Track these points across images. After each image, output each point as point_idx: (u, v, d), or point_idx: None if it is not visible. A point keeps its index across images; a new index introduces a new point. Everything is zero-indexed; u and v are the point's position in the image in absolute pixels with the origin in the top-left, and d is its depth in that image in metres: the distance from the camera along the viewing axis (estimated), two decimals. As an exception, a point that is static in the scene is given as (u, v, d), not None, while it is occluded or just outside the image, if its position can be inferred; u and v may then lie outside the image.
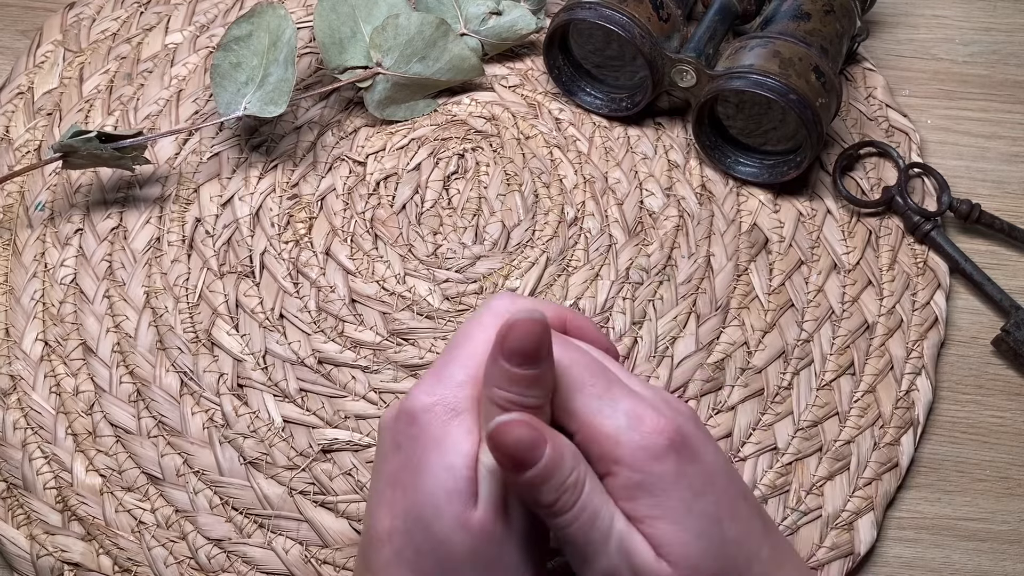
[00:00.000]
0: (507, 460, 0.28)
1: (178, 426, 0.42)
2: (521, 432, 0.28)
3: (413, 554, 0.30)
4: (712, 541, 0.29)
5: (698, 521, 0.29)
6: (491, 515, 0.29)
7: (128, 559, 0.39)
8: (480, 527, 0.29)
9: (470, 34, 0.51)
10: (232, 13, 0.54)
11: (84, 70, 0.51)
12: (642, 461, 0.28)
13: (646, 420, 0.29)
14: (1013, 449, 0.43)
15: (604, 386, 0.30)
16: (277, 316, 0.44)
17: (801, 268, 0.46)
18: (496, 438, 0.28)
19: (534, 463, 0.28)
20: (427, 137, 0.49)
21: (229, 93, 0.46)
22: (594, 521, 0.29)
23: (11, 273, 0.45)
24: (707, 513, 0.29)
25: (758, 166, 0.48)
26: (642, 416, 0.29)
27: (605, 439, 0.29)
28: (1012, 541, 0.41)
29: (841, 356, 0.44)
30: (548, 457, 0.28)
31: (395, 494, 0.30)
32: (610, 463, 0.29)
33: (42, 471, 0.41)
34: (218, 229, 0.46)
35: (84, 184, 0.48)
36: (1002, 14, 0.56)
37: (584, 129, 0.50)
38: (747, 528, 0.30)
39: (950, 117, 0.52)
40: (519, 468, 0.28)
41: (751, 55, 0.45)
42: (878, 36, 0.55)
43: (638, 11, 0.46)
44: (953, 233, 0.48)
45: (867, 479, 0.41)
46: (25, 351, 0.43)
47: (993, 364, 0.45)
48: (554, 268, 0.46)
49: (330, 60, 0.48)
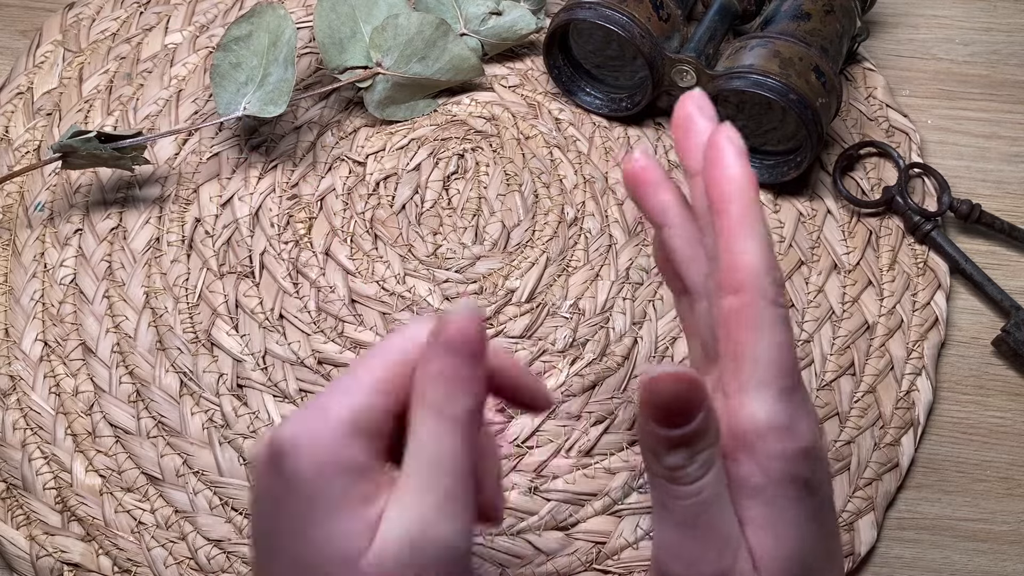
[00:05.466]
0: (658, 412, 0.26)
1: (178, 426, 0.42)
2: (683, 388, 0.25)
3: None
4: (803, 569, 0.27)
5: (799, 546, 0.27)
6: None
7: (128, 560, 0.39)
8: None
9: (470, 34, 0.51)
10: (232, 13, 0.53)
11: (84, 70, 0.51)
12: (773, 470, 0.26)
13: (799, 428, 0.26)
14: (1013, 449, 0.43)
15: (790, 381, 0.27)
16: (277, 316, 0.44)
17: (801, 268, 0.46)
18: (655, 384, 0.25)
19: (687, 421, 0.25)
20: (427, 137, 0.49)
21: (229, 93, 0.46)
22: (706, 510, 0.26)
23: (11, 273, 0.45)
24: (809, 541, 0.27)
25: (758, 166, 0.48)
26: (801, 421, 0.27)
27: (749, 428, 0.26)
28: (1012, 541, 0.41)
29: (841, 356, 0.44)
30: (698, 421, 0.25)
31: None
32: (737, 450, 0.26)
33: (42, 471, 0.41)
34: (218, 229, 0.46)
35: (84, 184, 0.48)
36: (1002, 14, 0.56)
37: (584, 129, 0.50)
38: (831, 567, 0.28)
39: (950, 117, 0.52)
40: (668, 423, 0.26)
41: (751, 55, 0.45)
42: (878, 36, 0.55)
43: (638, 11, 0.46)
44: (953, 233, 0.48)
45: (867, 479, 0.41)
46: (25, 351, 0.43)
47: (993, 364, 0.45)
48: (554, 268, 0.46)
49: (330, 60, 0.48)
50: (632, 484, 0.41)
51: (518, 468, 0.41)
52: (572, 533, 0.40)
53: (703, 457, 0.26)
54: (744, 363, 0.27)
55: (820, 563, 0.28)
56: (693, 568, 0.26)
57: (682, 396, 0.25)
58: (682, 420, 0.25)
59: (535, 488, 0.41)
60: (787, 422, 0.26)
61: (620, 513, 0.40)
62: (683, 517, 0.26)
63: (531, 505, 0.40)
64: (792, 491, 0.26)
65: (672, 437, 0.26)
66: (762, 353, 0.26)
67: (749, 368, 0.27)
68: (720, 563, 0.26)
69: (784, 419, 0.26)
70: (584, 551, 0.39)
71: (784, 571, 0.26)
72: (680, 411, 0.25)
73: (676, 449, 0.26)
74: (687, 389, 0.25)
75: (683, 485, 0.26)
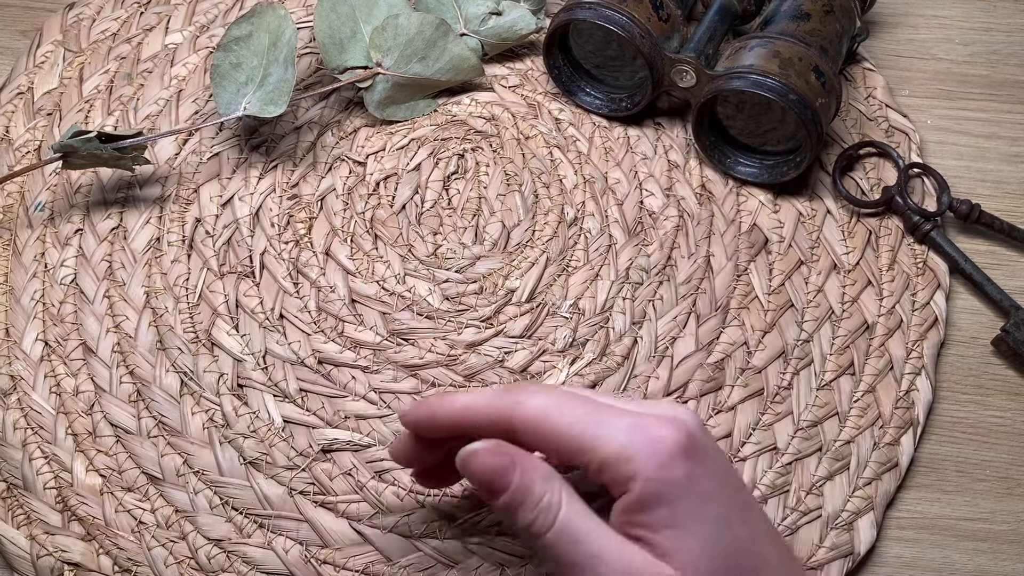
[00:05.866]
0: (478, 487, 0.29)
1: (178, 426, 0.42)
2: (487, 460, 0.29)
3: None
4: (723, 545, 0.29)
5: (710, 525, 0.28)
6: None
7: (128, 559, 0.39)
8: None
9: (470, 34, 0.51)
10: (232, 13, 0.54)
11: (84, 70, 0.51)
12: (653, 470, 0.28)
13: (649, 430, 0.29)
14: (1013, 449, 0.43)
15: (593, 414, 0.29)
16: (277, 316, 0.44)
17: (801, 268, 0.46)
18: (465, 467, 0.30)
19: (504, 489, 0.29)
20: (427, 137, 0.49)
21: (229, 93, 0.46)
22: (577, 542, 0.28)
23: (11, 273, 0.45)
24: (718, 516, 0.29)
25: (758, 166, 0.48)
26: (646, 427, 0.29)
27: (613, 461, 0.29)
28: (1012, 541, 0.41)
29: (841, 356, 0.44)
30: (517, 482, 0.29)
31: None
32: (624, 482, 0.29)
33: (42, 471, 0.41)
34: (218, 229, 0.46)
35: (84, 184, 0.48)
36: (1002, 14, 0.56)
37: (584, 129, 0.50)
38: (756, 531, 0.30)
39: (950, 117, 0.52)
40: (491, 494, 0.29)
41: (751, 55, 0.45)
42: (878, 36, 0.55)
43: (638, 11, 0.46)
44: (953, 233, 0.48)
45: (867, 479, 0.41)
46: (25, 351, 0.43)
47: (993, 364, 0.45)
48: (554, 268, 0.46)
49: (330, 60, 0.49)
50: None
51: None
52: (572, 533, 0.40)
53: (543, 505, 0.29)
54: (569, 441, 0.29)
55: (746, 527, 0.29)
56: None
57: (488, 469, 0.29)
58: (500, 486, 0.29)
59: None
60: (627, 431, 0.29)
61: (620, 513, 0.40)
62: (563, 556, 0.29)
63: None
64: (678, 472, 0.28)
65: (503, 505, 0.29)
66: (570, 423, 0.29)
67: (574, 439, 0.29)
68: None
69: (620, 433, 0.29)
70: (584, 551, 0.39)
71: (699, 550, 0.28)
72: (494, 481, 0.29)
73: (515, 509, 0.29)
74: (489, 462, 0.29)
75: (543, 535, 0.29)
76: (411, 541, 0.40)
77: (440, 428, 0.32)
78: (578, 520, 0.29)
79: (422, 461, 0.35)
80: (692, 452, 0.29)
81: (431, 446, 0.34)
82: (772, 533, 0.31)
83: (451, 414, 0.31)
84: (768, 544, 0.30)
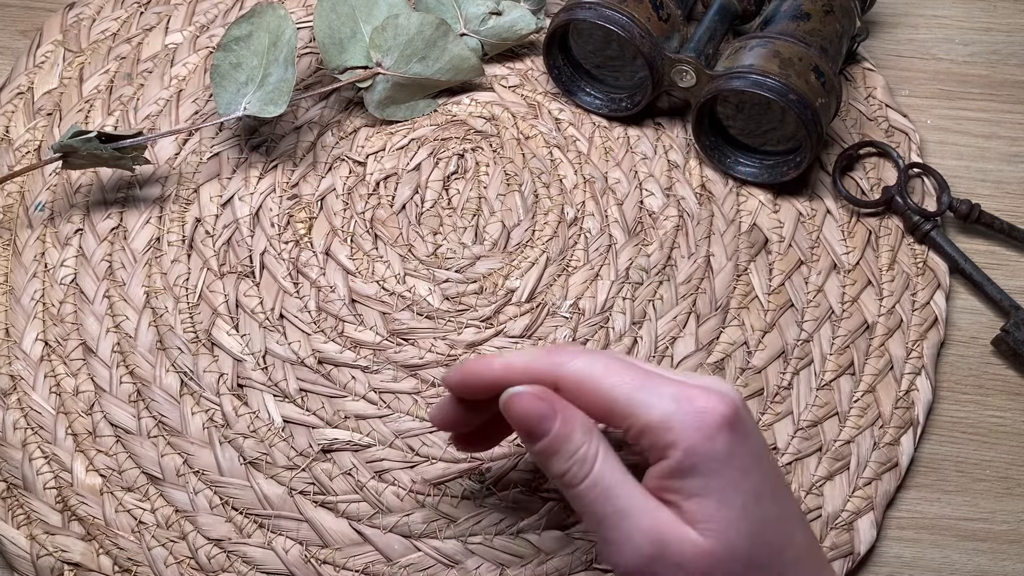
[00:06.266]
0: (518, 430, 0.30)
1: (178, 426, 0.42)
2: (530, 405, 0.30)
3: None
4: (752, 520, 0.29)
5: (742, 499, 0.29)
6: None
7: (128, 559, 0.39)
8: None
9: (470, 34, 0.51)
10: (232, 13, 0.54)
11: (84, 70, 0.51)
12: (696, 441, 0.28)
13: (697, 400, 0.29)
14: (1013, 449, 0.43)
15: (638, 379, 0.30)
16: (277, 316, 0.44)
17: (801, 268, 0.46)
18: (507, 409, 0.30)
19: (543, 435, 0.30)
20: (427, 137, 0.49)
21: (229, 93, 0.46)
22: (608, 497, 0.29)
23: (11, 273, 0.45)
24: (751, 491, 0.29)
25: (758, 166, 0.48)
26: (692, 397, 0.29)
27: (655, 427, 0.29)
28: (1012, 541, 0.41)
29: (841, 356, 0.44)
30: (556, 430, 0.29)
31: None
32: (663, 449, 0.29)
33: (42, 471, 0.41)
34: (218, 229, 0.46)
35: (84, 184, 0.48)
36: (1002, 14, 0.56)
37: (584, 129, 0.50)
38: (785, 511, 0.30)
39: (950, 117, 0.52)
40: (529, 438, 0.30)
41: (751, 55, 0.45)
42: (878, 36, 0.55)
43: (638, 11, 0.46)
44: (953, 233, 0.48)
45: (867, 479, 0.41)
46: (25, 351, 0.43)
47: (993, 364, 0.45)
48: (554, 268, 0.46)
49: (330, 60, 0.49)
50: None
51: (518, 467, 0.41)
52: (571, 533, 0.40)
53: (578, 457, 0.29)
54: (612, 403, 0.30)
55: (776, 505, 0.30)
56: (622, 553, 0.29)
57: (531, 413, 0.30)
58: (540, 432, 0.30)
59: (535, 488, 0.41)
60: (680, 406, 0.29)
61: (620, 513, 0.40)
62: (593, 511, 0.29)
63: (531, 505, 0.40)
64: (720, 445, 0.29)
65: (541, 450, 0.30)
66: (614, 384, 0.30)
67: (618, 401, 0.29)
68: (640, 538, 0.28)
69: (666, 400, 0.29)
70: (583, 551, 0.40)
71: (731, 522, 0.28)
72: (534, 426, 0.30)
73: (553, 455, 0.30)
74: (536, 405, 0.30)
75: (576, 486, 0.30)
76: (411, 541, 0.40)
77: (481, 388, 0.32)
78: (612, 475, 0.29)
79: (461, 424, 0.35)
80: (735, 426, 0.29)
81: (471, 408, 0.34)
82: (800, 515, 0.31)
83: (493, 373, 0.32)
84: (795, 525, 0.30)
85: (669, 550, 0.28)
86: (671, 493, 0.29)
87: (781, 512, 0.30)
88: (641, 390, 0.29)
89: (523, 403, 0.30)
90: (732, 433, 0.29)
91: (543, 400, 0.30)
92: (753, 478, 0.29)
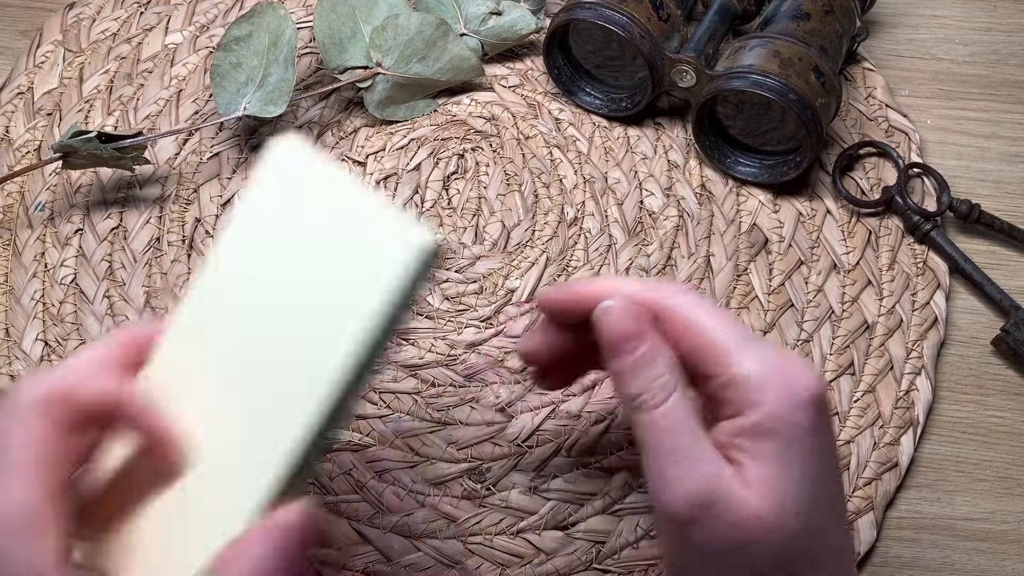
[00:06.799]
0: (606, 343, 0.30)
1: (178, 426, 0.42)
2: (624, 320, 0.30)
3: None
4: (808, 499, 0.29)
5: (806, 476, 0.29)
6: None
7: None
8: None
9: (470, 34, 0.51)
10: (232, 13, 0.54)
11: (84, 70, 0.51)
12: (783, 408, 0.28)
13: (793, 370, 0.29)
14: (1013, 449, 0.43)
15: (740, 331, 0.30)
16: (277, 316, 0.44)
17: (801, 268, 0.46)
18: (600, 320, 0.30)
19: (629, 352, 0.30)
20: (427, 137, 0.49)
21: (229, 93, 0.46)
22: (676, 431, 0.29)
23: (11, 273, 0.45)
24: (815, 471, 0.29)
25: (758, 166, 0.48)
26: (790, 366, 0.29)
27: (746, 381, 0.29)
28: (1012, 541, 0.41)
29: (841, 356, 0.44)
30: (644, 351, 0.30)
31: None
32: (746, 406, 0.29)
33: (42, 471, 0.41)
34: (218, 229, 0.46)
35: (84, 184, 0.48)
36: (1002, 14, 0.56)
37: (584, 129, 0.50)
38: (836, 499, 0.30)
39: (950, 117, 0.52)
40: (615, 353, 0.30)
41: (751, 55, 0.45)
42: (878, 36, 0.55)
43: (638, 11, 0.46)
44: (953, 233, 0.48)
45: (867, 479, 0.41)
46: (25, 351, 0.43)
47: (993, 364, 0.45)
48: (554, 268, 0.46)
49: (330, 60, 0.49)
50: (632, 483, 0.41)
51: (518, 468, 0.41)
52: (572, 533, 0.40)
53: (657, 385, 0.29)
54: (711, 345, 0.30)
55: (829, 488, 0.30)
56: (672, 492, 0.28)
57: (623, 328, 0.30)
58: (626, 349, 0.30)
59: (535, 488, 0.41)
60: (776, 372, 0.29)
61: (620, 513, 0.40)
62: (655, 443, 0.29)
63: (531, 505, 0.40)
64: (804, 420, 0.28)
65: (623, 367, 0.30)
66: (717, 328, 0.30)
67: (717, 344, 0.29)
68: (694, 483, 0.28)
69: (771, 370, 0.29)
70: (584, 551, 0.40)
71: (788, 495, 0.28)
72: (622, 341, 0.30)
73: (633, 375, 0.30)
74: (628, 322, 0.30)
75: (646, 412, 0.29)
76: (411, 541, 0.40)
77: (581, 303, 0.32)
78: (685, 413, 0.29)
79: (547, 352, 0.34)
80: (820, 406, 0.29)
81: (561, 335, 0.34)
82: (844, 509, 0.31)
83: (595, 288, 0.31)
84: (841, 515, 0.31)
85: (719, 504, 0.28)
86: (738, 451, 0.29)
87: (832, 497, 0.30)
88: (742, 343, 0.29)
89: (617, 316, 0.30)
90: (816, 411, 0.29)
91: (637, 320, 0.30)
92: (819, 460, 0.29)
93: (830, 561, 0.30)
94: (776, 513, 0.28)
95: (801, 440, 0.28)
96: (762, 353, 0.29)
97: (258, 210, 0.30)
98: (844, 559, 0.31)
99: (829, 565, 0.29)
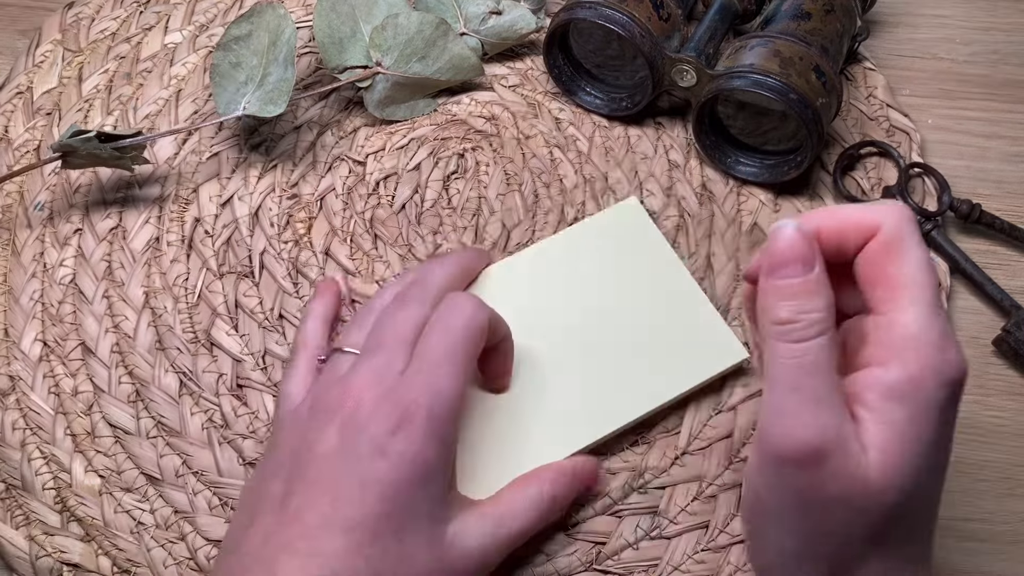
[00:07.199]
0: (771, 260, 0.29)
1: (177, 427, 0.42)
2: (797, 242, 0.28)
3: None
4: (920, 474, 0.28)
5: (926, 452, 0.28)
6: None
7: (127, 560, 0.39)
8: None
9: (470, 34, 0.51)
10: (232, 13, 0.53)
11: (83, 70, 0.51)
12: (929, 379, 0.28)
13: (952, 349, 0.28)
14: (1013, 449, 0.43)
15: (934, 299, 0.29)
16: (277, 316, 0.44)
17: (801, 268, 0.46)
18: (773, 235, 0.29)
19: (792, 276, 0.28)
20: (427, 137, 0.49)
21: (228, 93, 0.46)
22: (811, 372, 0.28)
23: (10, 273, 0.45)
24: (932, 452, 0.29)
25: (758, 166, 0.48)
26: (950, 345, 0.28)
27: (904, 335, 0.28)
28: (1012, 541, 0.41)
29: (841, 356, 0.44)
30: (808, 279, 0.28)
31: None
32: (892, 356, 0.28)
33: (41, 472, 0.41)
34: (217, 229, 0.46)
35: (83, 184, 0.48)
36: (1002, 14, 0.56)
37: (584, 129, 0.50)
38: (938, 483, 0.30)
39: (950, 117, 0.52)
40: (775, 271, 0.29)
41: (751, 55, 0.45)
42: (878, 36, 0.55)
43: (638, 11, 0.46)
44: (953, 233, 0.48)
45: (867, 479, 0.41)
46: (24, 351, 0.43)
47: (994, 364, 0.45)
48: (554, 268, 0.46)
49: (330, 60, 0.48)
50: (632, 484, 0.41)
51: (518, 468, 0.41)
52: (572, 533, 0.40)
53: (810, 318, 0.28)
54: (895, 285, 0.29)
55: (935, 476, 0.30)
56: (789, 430, 0.28)
57: (797, 249, 0.28)
58: (790, 272, 0.28)
59: (535, 488, 0.40)
60: (936, 340, 0.28)
61: (620, 513, 0.40)
62: (787, 377, 0.28)
63: (531, 505, 0.40)
64: (940, 398, 0.28)
65: (783, 287, 0.28)
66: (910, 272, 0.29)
67: (900, 288, 0.28)
68: (815, 430, 0.27)
69: (934, 336, 0.28)
70: (584, 551, 0.39)
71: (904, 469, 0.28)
72: (788, 261, 0.28)
73: (786, 301, 0.28)
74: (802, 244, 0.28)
75: (790, 343, 0.28)
76: (411, 542, 0.39)
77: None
78: (827, 358, 0.28)
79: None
80: (959, 390, 0.29)
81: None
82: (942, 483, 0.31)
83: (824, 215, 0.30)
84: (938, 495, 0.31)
85: (832, 459, 0.28)
86: (864, 408, 0.28)
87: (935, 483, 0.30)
88: (924, 298, 0.28)
89: (790, 238, 0.29)
90: (955, 393, 0.28)
91: (810, 246, 0.29)
92: (940, 442, 0.29)
93: (920, 540, 0.30)
94: (885, 483, 0.28)
95: (930, 415, 0.28)
96: (934, 319, 0.28)
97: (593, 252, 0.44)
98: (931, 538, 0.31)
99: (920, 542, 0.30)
